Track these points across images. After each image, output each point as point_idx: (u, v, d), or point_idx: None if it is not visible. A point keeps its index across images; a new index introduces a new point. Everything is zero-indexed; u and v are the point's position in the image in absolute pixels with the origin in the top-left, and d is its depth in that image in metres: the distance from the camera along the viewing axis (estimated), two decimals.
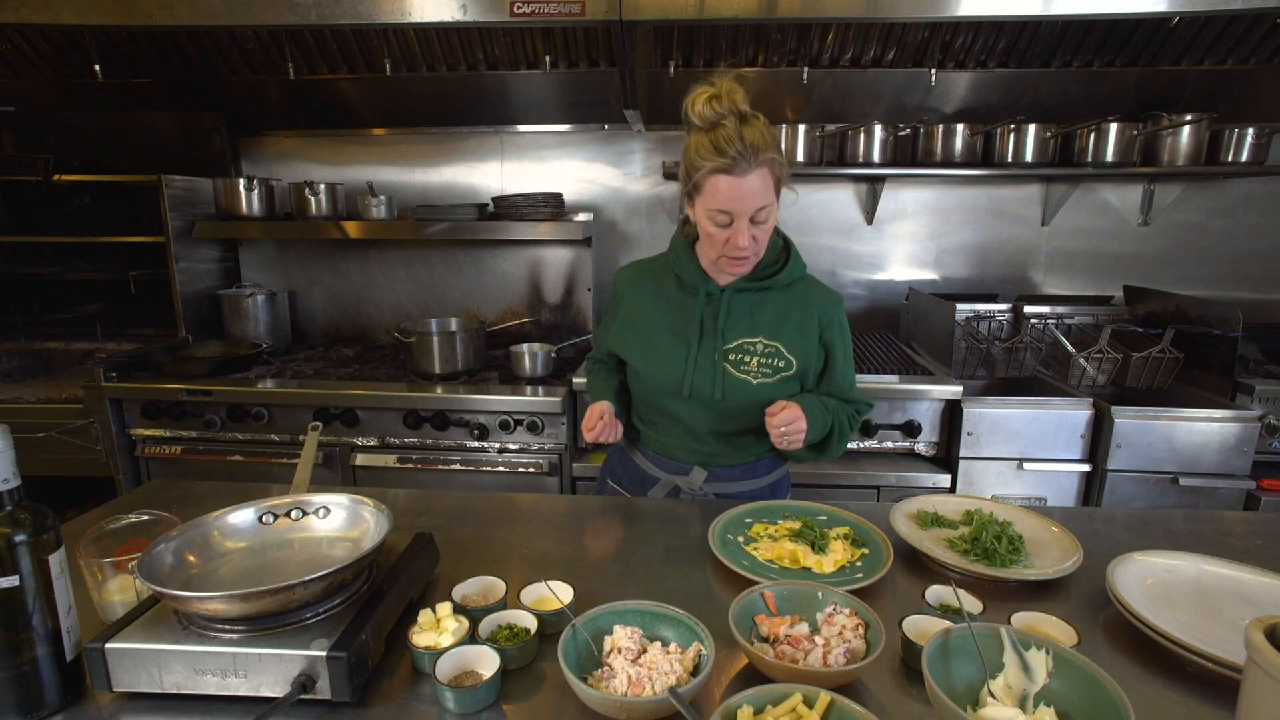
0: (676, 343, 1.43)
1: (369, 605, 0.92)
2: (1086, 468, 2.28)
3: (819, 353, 1.45)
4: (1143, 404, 2.22)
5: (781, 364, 1.41)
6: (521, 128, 3.03)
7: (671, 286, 1.48)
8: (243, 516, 1.05)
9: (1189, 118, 2.55)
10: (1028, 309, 2.55)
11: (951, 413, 2.32)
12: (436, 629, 0.93)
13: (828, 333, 1.45)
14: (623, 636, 0.89)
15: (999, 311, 2.56)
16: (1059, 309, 2.59)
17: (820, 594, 0.99)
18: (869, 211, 2.99)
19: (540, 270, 3.03)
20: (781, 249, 1.45)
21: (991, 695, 0.81)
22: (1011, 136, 2.64)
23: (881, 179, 2.87)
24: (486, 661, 0.88)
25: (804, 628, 0.93)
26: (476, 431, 2.37)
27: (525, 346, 2.58)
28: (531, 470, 2.39)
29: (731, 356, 1.41)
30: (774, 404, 1.33)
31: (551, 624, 0.97)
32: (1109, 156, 2.61)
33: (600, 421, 1.42)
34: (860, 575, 1.13)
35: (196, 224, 2.83)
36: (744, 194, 1.24)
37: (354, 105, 2.95)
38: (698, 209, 1.32)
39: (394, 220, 2.91)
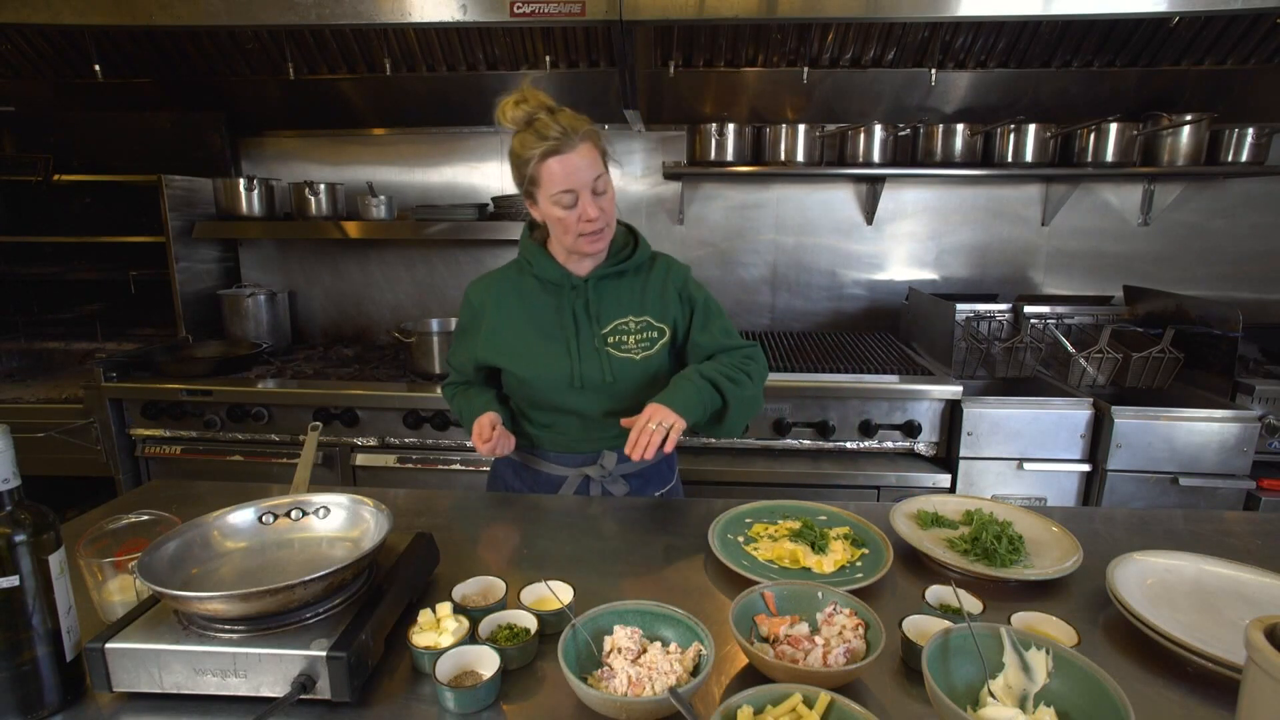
0: (554, 340, 1.47)
1: (369, 605, 0.92)
2: (1086, 468, 2.28)
3: (685, 312, 1.53)
4: (1143, 404, 2.22)
5: (654, 334, 1.49)
6: None
7: (533, 290, 1.51)
8: (243, 516, 1.05)
9: (1189, 118, 2.55)
10: (1028, 309, 2.55)
11: (951, 413, 2.32)
12: (436, 629, 0.93)
13: (684, 291, 1.53)
14: (623, 636, 0.89)
15: (999, 311, 2.56)
16: (1059, 309, 2.59)
17: (820, 594, 0.99)
18: (869, 211, 2.99)
19: None
20: (628, 234, 1.54)
21: (991, 695, 0.81)
22: (1011, 136, 2.64)
23: (881, 179, 2.87)
24: (486, 661, 0.88)
25: (804, 628, 0.93)
26: None
27: None
28: None
29: (610, 339, 1.46)
30: (629, 419, 1.34)
31: (551, 624, 0.97)
32: (1109, 156, 2.61)
33: (494, 433, 1.40)
34: (860, 575, 1.13)
35: (196, 224, 2.83)
36: (577, 167, 1.33)
37: (354, 105, 2.95)
38: (541, 203, 1.40)
39: (394, 220, 2.91)
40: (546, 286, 1.50)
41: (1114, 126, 2.58)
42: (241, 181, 2.80)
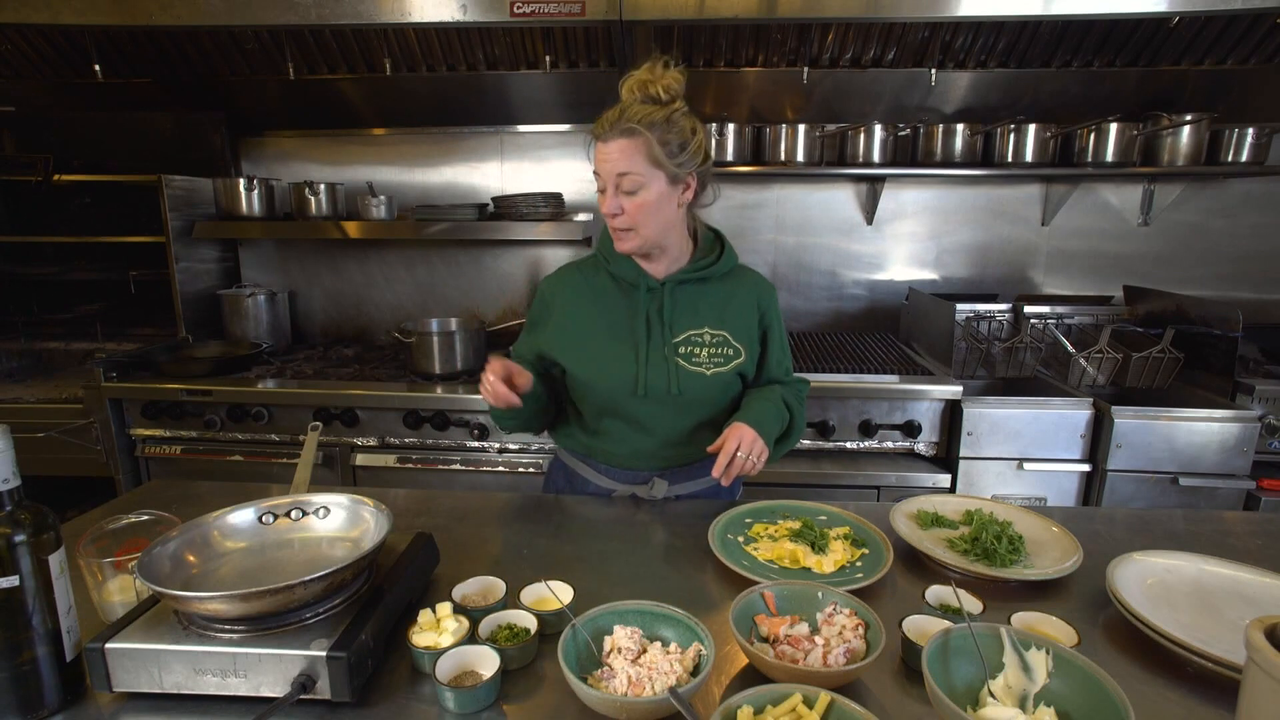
0: (623, 343, 1.41)
1: (369, 605, 0.92)
2: (1086, 468, 2.28)
3: (759, 336, 1.47)
4: (1143, 404, 2.22)
5: (730, 351, 1.42)
6: (521, 128, 3.03)
7: (607, 286, 1.45)
8: (243, 516, 1.05)
9: (1189, 118, 2.54)
10: (1028, 309, 2.55)
11: (951, 413, 2.32)
12: (436, 629, 0.93)
13: (766, 317, 1.48)
14: (623, 636, 0.89)
15: (999, 311, 2.56)
16: (1059, 309, 2.59)
17: (820, 594, 0.99)
18: (869, 211, 2.99)
19: (540, 270, 3.03)
20: (715, 241, 1.48)
21: (991, 695, 0.81)
22: (1011, 136, 2.64)
23: (881, 179, 2.87)
24: (486, 661, 0.88)
25: (804, 628, 0.93)
26: (476, 431, 2.37)
27: None
28: (531, 470, 2.39)
29: (682, 350, 1.40)
30: (718, 441, 1.28)
31: (551, 624, 0.97)
32: (1109, 156, 2.61)
33: (501, 370, 1.28)
34: (860, 575, 1.13)
35: (196, 224, 2.83)
36: (605, 157, 1.30)
37: (354, 105, 2.95)
38: None
39: (394, 220, 2.91)
40: (622, 286, 1.44)
41: (1114, 126, 2.58)
42: (241, 181, 2.80)
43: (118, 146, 3.03)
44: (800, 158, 2.74)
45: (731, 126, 2.70)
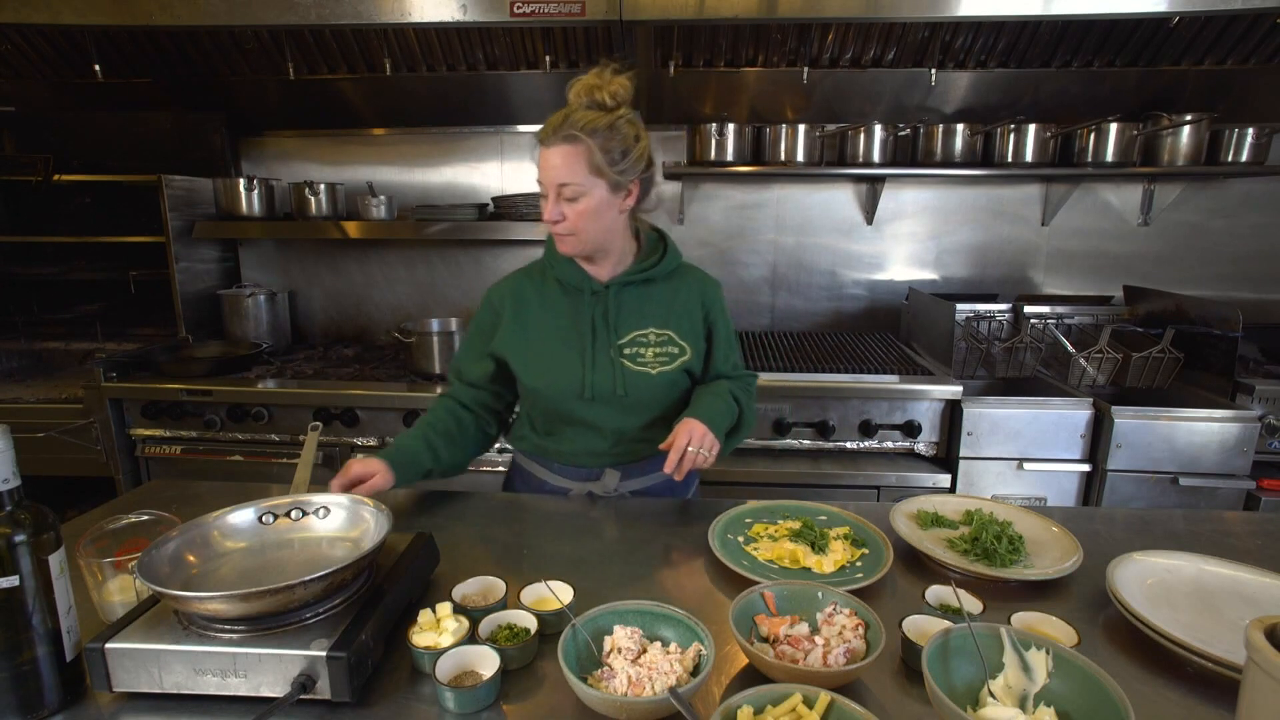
0: (569, 347, 1.42)
1: (369, 605, 0.92)
2: (1086, 468, 2.28)
3: (704, 333, 1.49)
4: (1143, 404, 2.22)
5: (675, 350, 1.44)
6: (521, 128, 3.03)
7: (553, 291, 1.46)
8: (243, 516, 1.05)
9: (1189, 118, 2.55)
10: (1028, 309, 2.55)
11: (951, 413, 2.32)
12: (436, 629, 0.93)
13: (711, 313, 1.49)
14: (623, 636, 0.89)
15: (999, 311, 2.56)
16: (1059, 309, 2.59)
17: (820, 594, 0.99)
18: (869, 211, 2.99)
19: None
20: (658, 242, 1.49)
21: (991, 695, 0.81)
22: (1011, 136, 2.64)
23: (881, 179, 2.87)
24: (486, 661, 0.88)
25: (804, 628, 0.93)
26: None
27: None
28: None
29: (627, 351, 1.42)
30: (669, 439, 1.30)
31: (551, 624, 0.97)
32: (1109, 156, 2.61)
33: (346, 480, 1.34)
34: (860, 575, 1.13)
35: (196, 224, 2.83)
36: (547, 164, 1.30)
37: (354, 105, 2.95)
38: None
39: (394, 220, 2.91)
40: (567, 290, 1.45)
41: (1114, 126, 2.58)
42: (241, 181, 2.80)
43: (118, 146, 3.03)
44: (800, 158, 2.74)
45: (731, 126, 2.71)
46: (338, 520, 1.07)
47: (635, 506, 1.46)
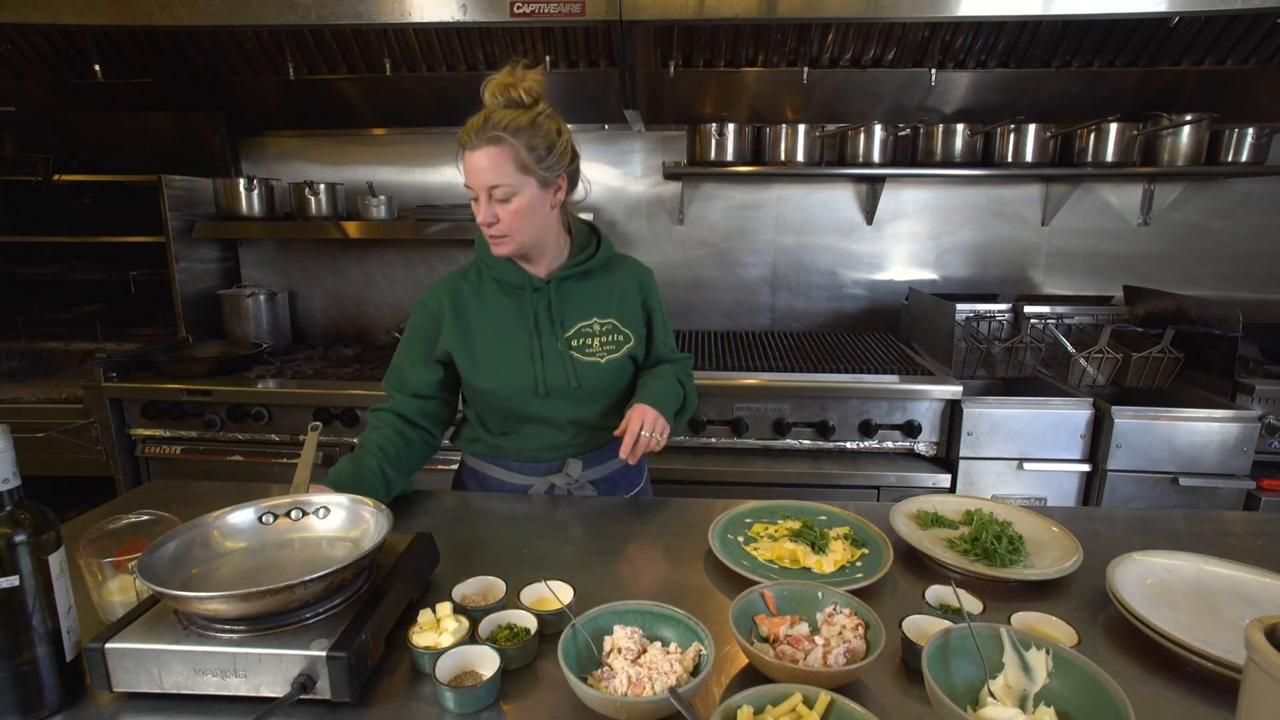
0: (517, 346, 1.42)
1: (369, 605, 0.92)
2: (1086, 468, 2.28)
3: (644, 319, 1.53)
4: (1143, 404, 2.22)
5: (620, 337, 1.47)
6: None
7: (492, 292, 1.45)
8: (243, 516, 1.05)
9: (1189, 118, 2.55)
10: (1028, 309, 2.55)
11: (951, 413, 2.32)
12: (436, 629, 0.93)
13: (648, 300, 1.53)
14: (623, 636, 0.89)
15: (999, 311, 2.56)
16: (1059, 309, 2.59)
17: (820, 594, 0.99)
18: (869, 211, 2.99)
19: None
20: (590, 234, 1.52)
21: (991, 695, 0.81)
22: (1011, 136, 2.64)
23: (881, 179, 2.87)
24: (486, 661, 0.88)
25: (804, 628, 0.93)
26: None
27: None
28: None
29: (575, 342, 1.44)
30: (622, 425, 1.34)
31: (551, 624, 0.97)
32: (1109, 156, 2.61)
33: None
34: (860, 575, 1.13)
35: (196, 224, 2.83)
36: (474, 168, 1.31)
37: (354, 105, 2.95)
38: None
39: (394, 220, 2.91)
40: (507, 290, 1.44)
41: (1114, 126, 2.58)
42: (241, 181, 2.80)
43: (118, 146, 3.03)
44: (800, 158, 2.74)
45: (731, 126, 2.71)
46: (338, 520, 1.07)
47: (636, 507, 1.46)
